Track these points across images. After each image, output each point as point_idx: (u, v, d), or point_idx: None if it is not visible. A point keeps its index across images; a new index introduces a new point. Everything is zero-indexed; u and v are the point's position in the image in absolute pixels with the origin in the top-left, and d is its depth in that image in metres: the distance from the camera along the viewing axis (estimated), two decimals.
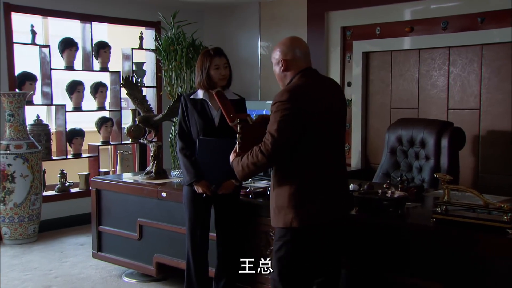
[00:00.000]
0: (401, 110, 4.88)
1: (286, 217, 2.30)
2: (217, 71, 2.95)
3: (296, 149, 2.27)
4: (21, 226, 4.73)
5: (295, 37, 2.48)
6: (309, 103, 2.27)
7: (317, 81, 2.39)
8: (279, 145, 2.24)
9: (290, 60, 2.39)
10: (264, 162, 2.28)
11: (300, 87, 2.32)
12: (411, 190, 3.05)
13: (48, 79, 5.29)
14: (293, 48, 2.40)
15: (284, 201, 2.30)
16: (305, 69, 2.38)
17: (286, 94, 2.26)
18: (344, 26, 5.21)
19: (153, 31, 5.94)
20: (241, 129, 2.48)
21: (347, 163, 5.23)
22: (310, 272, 2.38)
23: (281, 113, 2.24)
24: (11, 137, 4.71)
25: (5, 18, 4.88)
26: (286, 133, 2.24)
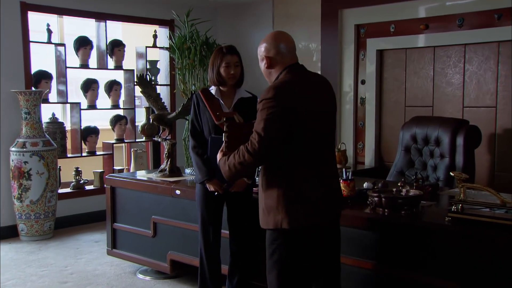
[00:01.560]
0: (416, 108, 4.85)
1: (275, 218, 2.23)
2: (227, 69, 2.95)
3: (283, 147, 2.20)
4: (37, 223, 4.78)
5: (278, 32, 2.40)
6: (296, 100, 2.20)
7: (305, 78, 2.32)
8: (266, 144, 2.17)
9: (274, 56, 2.33)
10: (251, 162, 2.21)
11: (286, 83, 2.25)
12: (426, 188, 3.03)
13: (63, 78, 5.34)
14: (276, 44, 2.32)
15: (273, 202, 2.24)
16: (291, 65, 2.31)
17: (272, 91, 2.19)
18: (358, 23, 5.18)
19: (167, 29, 5.97)
20: (227, 128, 2.43)
21: (361, 161, 5.23)
22: (308, 274, 2.31)
23: (267, 111, 2.18)
24: (28, 134, 4.76)
25: (22, 17, 4.94)
26: (273, 132, 2.17)
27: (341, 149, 4.56)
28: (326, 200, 2.28)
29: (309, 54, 5.60)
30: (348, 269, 2.78)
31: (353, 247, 2.77)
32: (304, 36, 5.62)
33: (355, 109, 5.28)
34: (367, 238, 2.71)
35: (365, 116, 5.20)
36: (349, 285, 2.80)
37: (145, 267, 3.90)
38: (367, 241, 2.72)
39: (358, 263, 2.74)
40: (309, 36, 5.56)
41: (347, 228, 2.78)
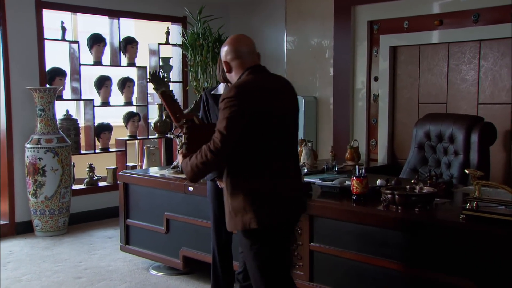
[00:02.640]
0: (429, 105, 4.81)
1: (243, 219, 2.25)
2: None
3: (245, 147, 2.23)
4: (52, 219, 4.83)
5: (236, 36, 2.44)
6: (257, 100, 2.24)
7: (266, 79, 2.36)
8: (228, 143, 2.19)
9: (231, 60, 2.37)
10: (214, 161, 2.23)
11: (248, 83, 2.29)
12: (440, 185, 3.01)
13: (77, 75, 5.38)
14: (233, 48, 2.36)
15: (240, 203, 2.26)
16: (252, 67, 2.34)
17: (234, 90, 2.22)
18: (371, 20, 5.15)
19: (179, 26, 5.98)
20: (187, 130, 2.44)
21: (374, 158, 5.21)
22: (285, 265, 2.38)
23: (229, 110, 2.19)
24: (42, 131, 4.81)
25: (37, 15, 4.98)
26: (235, 130, 2.19)
27: (353, 146, 4.54)
28: (291, 198, 2.33)
29: (322, 51, 5.58)
30: (360, 266, 2.78)
31: (366, 244, 2.76)
32: (317, 33, 5.60)
33: (368, 106, 5.25)
34: (380, 236, 2.70)
35: (378, 113, 5.17)
36: (360, 282, 2.79)
37: (158, 263, 3.92)
38: (379, 239, 2.71)
39: (370, 260, 2.73)
40: (322, 32, 5.54)
41: (360, 225, 2.77)
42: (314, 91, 5.68)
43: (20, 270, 3.96)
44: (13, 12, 4.82)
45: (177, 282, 3.69)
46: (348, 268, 2.84)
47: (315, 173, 3.67)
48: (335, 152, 4.36)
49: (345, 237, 2.84)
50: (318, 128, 5.67)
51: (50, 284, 3.68)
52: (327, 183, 3.14)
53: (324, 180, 3.29)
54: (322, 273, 2.96)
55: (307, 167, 3.73)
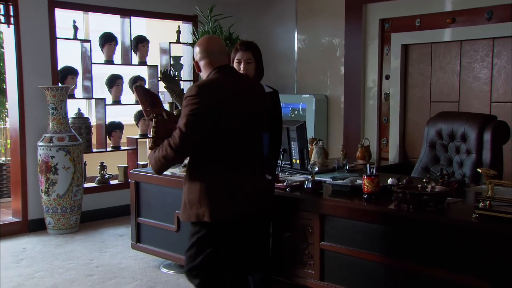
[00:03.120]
0: (441, 104, 4.77)
1: (197, 211, 2.33)
2: (237, 65, 2.95)
3: (206, 143, 2.30)
4: (64, 217, 4.87)
5: (206, 37, 2.52)
6: (219, 99, 2.30)
7: (233, 79, 2.42)
8: (187, 140, 2.27)
9: (199, 60, 2.45)
10: (173, 156, 2.30)
11: (212, 82, 2.36)
12: (452, 185, 2.99)
13: (89, 73, 5.42)
14: (202, 48, 2.44)
15: (196, 196, 2.34)
16: (220, 66, 2.40)
17: (195, 89, 2.29)
18: (383, 18, 5.12)
19: (190, 25, 5.99)
20: (155, 124, 2.51)
21: (385, 157, 5.18)
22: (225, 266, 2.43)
23: (190, 107, 2.27)
24: (54, 130, 4.85)
25: (49, 14, 5.01)
26: (194, 128, 2.26)
27: (364, 145, 4.52)
28: (247, 195, 2.38)
29: (333, 49, 5.56)
30: (370, 266, 2.77)
31: (377, 243, 2.75)
32: (328, 31, 5.58)
33: (379, 104, 5.22)
34: (391, 235, 2.69)
35: (389, 111, 5.14)
36: (371, 281, 2.78)
37: (169, 261, 3.93)
38: (391, 238, 2.69)
39: (381, 260, 2.72)
40: (333, 31, 5.52)
41: (371, 224, 2.76)
42: (325, 89, 5.67)
43: (33, 267, 4.00)
44: (26, 12, 4.86)
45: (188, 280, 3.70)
46: (359, 267, 2.83)
47: (326, 171, 3.66)
48: (346, 151, 4.34)
49: (356, 236, 2.84)
50: (328, 126, 5.66)
51: (62, 281, 3.71)
52: (338, 182, 3.13)
53: (335, 179, 3.28)
54: (333, 272, 2.95)
55: (318, 165, 3.72)
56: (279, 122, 3.00)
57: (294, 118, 5.60)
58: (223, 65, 2.42)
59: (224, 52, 2.45)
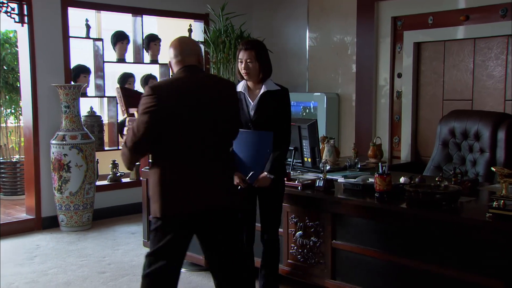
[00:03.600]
0: (454, 102, 4.73)
1: (153, 206, 2.40)
2: (240, 65, 2.97)
3: (161, 140, 2.35)
4: (76, 214, 4.91)
5: (178, 38, 2.57)
6: (174, 98, 2.35)
7: (194, 77, 2.45)
8: (137, 138, 2.35)
9: (170, 59, 2.52)
10: (128, 154, 2.41)
11: (168, 81, 2.47)
12: (465, 183, 2.96)
13: (101, 72, 5.45)
14: (172, 48, 2.51)
15: (152, 191, 2.41)
16: (185, 66, 2.46)
17: (148, 89, 2.36)
18: (395, 16, 5.09)
19: (201, 23, 6.00)
20: (127, 123, 2.72)
21: (396, 155, 5.15)
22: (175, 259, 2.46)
23: (142, 107, 2.34)
24: (67, 128, 4.89)
25: (62, 12, 5.05)
26: (144, 127, 2.33)
27: (376, 143, 4.50)
28: (201, 192, 2.39)
29: (344, 47, 5.54)
30: (382, 264, 2.76)
31: (389, 242, 2.74)
32: (340, 29, 5.56)
33: (391, 102, 5.19)
34: (403, 234, 2.68)
35: (401, 110, 5.11)
36: (383, 280, 2.77)
37: None
38: (403, 237, 2.68)
39: (393, 258, 2.71)
40: (345, 29, 5.50)
41: (383, 223, 2.75)
42: (336, 88, 5.65)
43: (47, 264, 4.04)
44: (40, 11, 4.90)
45: (199, 278, 3.71)
46: (371, 265, 2.82)
47: (337, 170, 3.65)
48: (357, 149, 4.32)
49: (368, 235, 2.83)
50: (340, 125, 5.64)
51: (75, 278, 3.74)
52: (350, 181, 3.12)
53: (347, 177, 3.27)
54: (345, 270, 2.94)
55: (329, 164, 3.71)
56: (285, 121, 2.97)
57: (306, 117, 5.59)
58: (190, 65, 2.47)
59: (194, 53, 2.51)
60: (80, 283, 3.65)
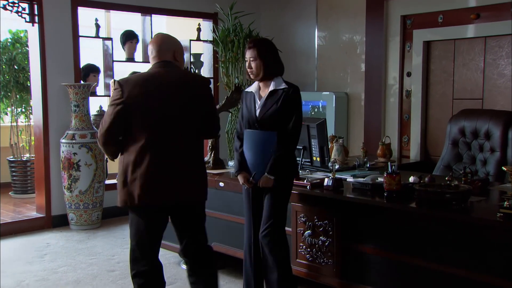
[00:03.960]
0: (464, 101, 4.70)
1: (119, 196, 2.57)
2: (246, 64, 2.98)
3: (128, 132, 2.50)
4: (86, 213, 4.94)
5: (157, 35, 2.71)
6: (139, 92, 2.45)
7: (164, 72, 2.54)
8: (104, 130, 2.52)
9: (149, 55, 2.65)
10: (100, 145, 2.60)
11: (137, 76, 2.58)
12: (475, 183, 2.94)
13: (110, 71, 5.48)
14: (150, 46, 2.64)
15: (118, 181, 2.57)
16: (158, 62, 2.59)
17: (116, 83, 2.51)
18: (404, 14, 5.06)
19: (210, 22, 6.01)
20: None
21: (406, 155, 5.13)
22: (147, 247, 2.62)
23: (111, 101, 2.52)
24: (76, 127, 4.91)
25: (72, 12, 5.08)
26: (109, 119, 2.48)
27: (385, 143, 4.48)
28: (162, 185, 2.49)
29: (353, 46, 5.52)
30: (391, 264, 2.75)
31: (398, 242, 2.73)
32: (348, 28, 5.54)
33: (400, 102, 5.17)
34: (413, 234, 2.66)
35: (410, 109, 5.09)
36: (392, 280, 2.76)
37: None
38: (413, 237, 2.67)
39: (402, 258, 2.70)
40: (354, 28, 5.48)
41: (392, 223, 2.74)
42: (345, 87, 5.63)
43: (57, 262, 4.06)
44: (50, 10, 4.93)
45: None
46: (380, 265, 2.81)
47: (346, 169, 3.64)
48: (366, 149, 4.31)
49: (377, 235, 2.82)
50: (349, 124, 5.62)
51: (85, 276, 3.76)
52: (359, 180, 3.11)
53: (356, 176, 3.26)
54: (354, 270, 2.94)
55: (338, 163, 3.70)
56: (290, 120, 2.87)
57: (314, 116, 5.58)
58: (163, 60, 2.57)
59: (169, 50, 2.60)
60: (90, 281, 3.67)
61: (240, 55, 4.96)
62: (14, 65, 6.00)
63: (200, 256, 2.74)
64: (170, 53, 2.61)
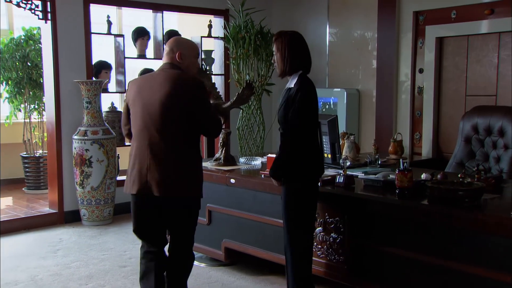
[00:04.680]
0: (477, 98, 4.65)
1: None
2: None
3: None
4: (98, 209, 4.97)
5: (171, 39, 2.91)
6: (132, 91, 2.77)
7: (153, 75, 2.80)
8: (122, 126, 2.96)
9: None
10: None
11: (140, 76, 2.94)
12: (488, 180, 2.91)
13: (122, 68, 5.50)
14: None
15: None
16: (162, 64, 2.84)
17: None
18: (417, 10, 5.02)
19: (221, 19, 6.01)
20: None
21: (417, 152, 5.09)
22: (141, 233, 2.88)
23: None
24: (88, 123, 4.95)
25: (84, 9, 5.11)
26: (122, 116, 2.94)
27: (397, 140, 4.46)
28: (136, 175, 2.73)
29: (365, 42, 5.49)
30: (403, 261, 2.73)
31: (410, 239, 2.71)
32: (360, 25, 5.51)
33: (412, 98, 5.13)
34: (425, 231, 2.65)
35: (422, 105, 5.05)
36: (403, 277, 2.75)
37: (200, 254, 3.96)
38: (424, 234, 2.65)
39: (414, 255, 2.68)
40: (365, 24, 5.44)
41: (404, 220, 2.72)
42: (356, 83, 5.61)
43: (69, 258, 4.10)
44: (63, 8, 4.96)
45: (219, 273, 3.73)
46: (391, 262, 2.79)
47: (358, 166, 3.62)
48: (377, 146, 4.29)
49: (389, 232, 2.80)
50: (360, 121, 5.60)
51: (97, 272, 3.79)
52: (370, 177, 3.09)
53: (367, 173, 3.24)
54: (365, 267, 2.93)
55: (350, 160, 3.69)
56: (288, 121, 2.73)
57: (326, 112, 5.56)
58: (166, 62, 2.80)
59: (175, 52, 2.78)
60: (102, 276, 3.70)
61: (251, 52, 4.95)
62: (27, 62, 6.04)
63: (172, 258, 2.86)
64: (175, 55, 2.78)
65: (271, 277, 3.61)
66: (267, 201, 3.35)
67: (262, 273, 3.68)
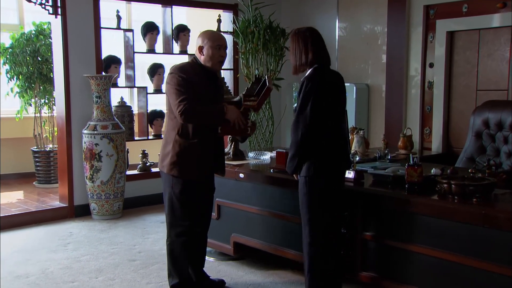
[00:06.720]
0: (489, 92, 4.61)
1: None
2: None
3: None
4: (107, 203, 5.00)
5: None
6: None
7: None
8: None
9: None
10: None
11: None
12: (499, 175, 2.89)
13: (131, 62, 5.51)
14: None
15: None
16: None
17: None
18: (428, 4, 4.98)
19: (231, 13, 6.00)
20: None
21: (427, 147, 5.07)
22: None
23: None
24: (98, 118, 4.97)
25: (94, 4, 5.12)
26: None
27: (406, 135, 4.43)
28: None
29: (375, 37, 5.45)
30: (413, 256, 2.72)
31: (420, 234, 2.70)
32: (370, 19, 5.48)
33: (422, 93, 5.10)
34: (435, 226, 2.63)
35: (432, 100, 5.02)
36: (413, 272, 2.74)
37: (209, 248, 3.96)
38: (434, 229, 2.64)
39: (424, 251, 2.67)
40: (375, 18, 5.41)
41: (414, 215, 2.71)
42: (366, 78, 5.58)
43: (79, 251, 4.13)
44: (73, 2, 4.98)
45: (228, 268, 3.74)
46: (401, 257, 2.79)
47: (367, 161, 3.61)
48: (387, 141, 4.27)
49: (398, 227, 2.79)
50: (370, 116, 5.57)
51: (107, 265, 3.82)
52: (380, 172, 3.08)
53: (377, 168, 3.23)
54: (375, 262, 2.92)
55: (359, 155, 3.68)
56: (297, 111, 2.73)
57: None
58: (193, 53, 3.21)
59: (198, 45, 3.17)
60: (112, 270, 3.73)
61: (260, 46, 4.94)
62: (38, 57, 6.08)
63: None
64: (197, 48, 3.15)
65: (280, 272, 3.61)
66: (276, 196, 3.35)
67: (271, 267, 3.68)
